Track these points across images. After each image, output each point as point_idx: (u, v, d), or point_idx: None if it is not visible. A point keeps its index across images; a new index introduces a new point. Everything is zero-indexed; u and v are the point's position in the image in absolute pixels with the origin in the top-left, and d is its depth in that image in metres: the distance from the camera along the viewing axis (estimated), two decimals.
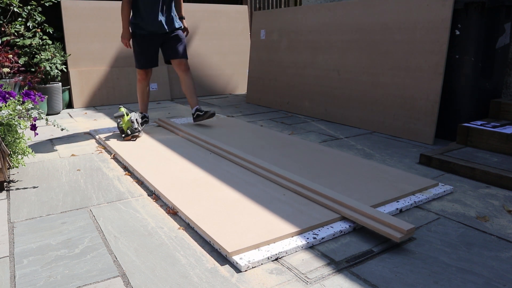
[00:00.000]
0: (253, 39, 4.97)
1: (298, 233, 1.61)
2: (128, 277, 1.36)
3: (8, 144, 2.24)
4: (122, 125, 3.06)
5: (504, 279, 1.34)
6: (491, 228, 1.70)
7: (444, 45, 2.89)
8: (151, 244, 1.58)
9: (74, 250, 1.54)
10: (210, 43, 5.64)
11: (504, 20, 2.91)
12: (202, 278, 1.36)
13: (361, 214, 1.69)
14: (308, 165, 2.42)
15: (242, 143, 2.92)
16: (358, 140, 3.11)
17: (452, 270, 1.39)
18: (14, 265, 1.45)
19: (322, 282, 1.34)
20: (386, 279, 1.35)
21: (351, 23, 3.65)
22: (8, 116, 2.16)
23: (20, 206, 1.95)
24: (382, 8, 3.36)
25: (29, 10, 4.26)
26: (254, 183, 2.14)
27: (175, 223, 1.77)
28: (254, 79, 4.94)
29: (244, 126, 3.51)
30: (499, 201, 1.97)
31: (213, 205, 1.86)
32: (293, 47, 4.30)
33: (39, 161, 2.64)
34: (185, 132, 3.16)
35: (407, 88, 3.15)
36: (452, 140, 3.00)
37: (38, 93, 2.28)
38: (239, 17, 5.93)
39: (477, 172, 2.25)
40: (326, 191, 1.90)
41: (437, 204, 1.95)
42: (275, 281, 1.34)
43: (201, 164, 2.46)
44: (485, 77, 2.95)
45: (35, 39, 4.24)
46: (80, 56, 4.77)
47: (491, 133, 2.56)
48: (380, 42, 3.36)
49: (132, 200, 2.02)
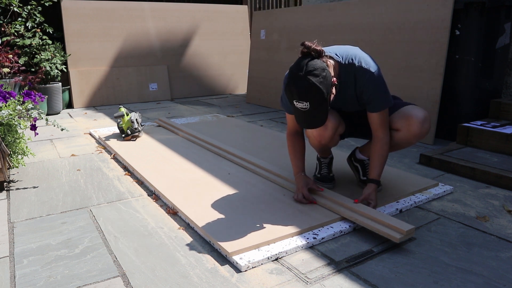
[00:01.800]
0: (253, 39, 4.97)
1: (298, 233, 1.61)
2: (128, 277, 1.36)
3: (8, 144, 2.24)
4: (122, 125, 3.06)
5: (504, 279, 1.34)
6: (491, 228, 1.70)
7: (444, 45, 2.89)
8: (151, 244, 1.58)
9: (74, 250, 1.54)
10: (210, 43, 5.64)
11: (504, 20, 2.91)
12: (202, 278, 1.36)
13: (361, 215, 1.69)
14: (308, 165, 2.42)
15: (242, 143, 2.92)
16: (358, 140, 3.11)
17: (452, 270, 1.39)
18: (14, 265, 1.45)
19: (322, 282, 1.34)
20: (386, 279, 1.35)
21: (351, 23, 3.65)
22: (8, 116, 2.16)
23: (20, 206, 1.95)
24: (382, 8, 3.36)
25: (29, 10, 4.26)
26: (254, 183, 2.14)
27: (175, 223, 1.77)
28: (254, 79, 4.94)
29: (244, 126, 3.51)
30: (499, 201, 1.97)
31: (213, 205, 1.86)
32: (293, 47, 4.30)
33: (39, 161, 2.64)
34: (185, 132, 3.16)
35: (407, 88, 3.15)
36: (452, 140, 3.00)
37: (38, 93, 2.28)
38: (239, 17, 5.93)
39: (477, 172, 2.25)
40: (326, 191, 1.90)
41: (437, 204, 1.95)
42: (275, 281, 1.34)
43: (201, 164, 2.46)
44: (485, 77, 2.95)
45: (35, 39, 4.24)
46: (80, 56, 4.77)
47: (491, 133, 2.56)
48: (380, 42, 3.36)
49: (132, 200, 2.02)
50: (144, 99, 5.10)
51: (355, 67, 1.73)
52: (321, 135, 1.88)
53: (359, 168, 2.08)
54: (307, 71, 1.54)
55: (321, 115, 1.60)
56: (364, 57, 1.76)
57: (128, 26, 5.09)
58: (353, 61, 1.74)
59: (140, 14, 5.18)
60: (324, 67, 1.57)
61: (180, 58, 5.43)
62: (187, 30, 5.49)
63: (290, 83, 1.57)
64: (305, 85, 1.53)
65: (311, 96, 1.54)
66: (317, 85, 1.53)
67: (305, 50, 1.60)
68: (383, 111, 1.77)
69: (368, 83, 1.73)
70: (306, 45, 1.60)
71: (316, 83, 1.53)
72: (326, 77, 1.56)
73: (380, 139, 1.80)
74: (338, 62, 1.74)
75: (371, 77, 1.72)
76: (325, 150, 2.07)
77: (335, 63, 1.72)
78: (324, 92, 1.55)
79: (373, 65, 1.75)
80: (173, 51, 5.38)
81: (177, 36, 5.41)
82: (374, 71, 1.73)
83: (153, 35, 5.25)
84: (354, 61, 1.73)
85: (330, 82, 1.58)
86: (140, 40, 5.16)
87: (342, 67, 1.74)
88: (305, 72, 1.54)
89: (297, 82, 1.55)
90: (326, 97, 1.56)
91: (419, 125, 1.78)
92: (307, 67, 1.55)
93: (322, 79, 1.54)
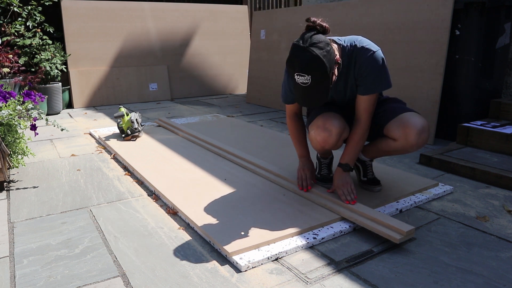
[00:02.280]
0: (253, 39, 4.97)
1: (298, 233, 1.61)
2: (128, 277, 1.36)
3: (8, 144, 2.24)
4: (122, 125, 3.06)
5: (504, 279, 1.34)
6: (491, 228, 1.70)
7: (444, 45, 2.89)
8: (151, 244, 1.58)
9: (74, 250, 1.54)
10: (210, 43, 5.64)
11: (504, 20, 2.91)
12: (202, 278, 1.36)
13: (361, 215, 1.69)
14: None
15: (242, 143, 2.92)
16: None
17: (452, 270, 1.39)
18: (14, 265, 1.45)
19: (322, 282, 1.34)
20: (386, 279, 1.35)
21: (351, 23, 3.64)
22: (8, 116, 2.16)
23: (20, 206, 1.95)
24: (382, 8, 3.36)
25: (29, 10, 4.26)
26: (254, 183, 2.14)
27: (175, 223, 1.77)
28: (254, 79, 4.94)
29: (244, 126, 3.51)
30: (499, 201, 1.97)
31: (213, 205, 1.86)
32: None
33: (39, 161, 2.64)
34: (185, 132, 3.16)
35: (407, 88, 3.15)
36: (452, 140, 3.00)
37: (38, 93, 2.28)
38: (239, 17, 5.93)
39: (477, 172, 2.25)
40: (325, 191, 1.90)
41: (437, 204, 1.95)
42: (275, 281, 1.34)
43: (201, 164, 2.46)
44: (485, 77, 2.95)
45: (35, 39, 4.24)
46: (80, 56, 4.77)
47: (491, 133, 2.56)
48: (380, 42, 3.36)
49: (132, 200, 2.02)
50: (144, 99, 5.10)
51: (356, 48, 1.72)
52: (325, 141, 1.81)
53: (360, 169, 2.08)
54: (311, 43, 1.51)
55: (320, 94, 1.56)
56: (366, 40, 1.75)
57: (128, 26, 5.09)
58: (355, 43, 1.73)
59: (140, 14, 5.18)
60: (328, 42, 1.55)
61: (180, 58, 5.43)
62: (187, 30, 5.49)
63: (293, 55, 1.53)
64: (308, 56, 1.50)
65: (314, 68, 1.50)
66: (320, 58, 1.49)
67: (310, 24, 1.59)
68: (373, 95, 1.73)
69: (367, 63, 1.70)
70: (311, 20, 1.59)
71: (319, 55, 1.49)
72: (330, 52, 1.53)
73: (362, 126, 1.77)
74: (341, 45, 1.73)
75: (371, 56, 1.69)
76: (326, 151, 2.07)
77: (338, 46, 1.71)
78: (327, 66, 1.51)
79: (375, 47, 1.72)
80: (173, 51, 5.38)
81: (177, 36, 5.41)
82: (375, 51, 1.70)
83: (153, 35, 5.25)
84: (355, 43, 1.73)
85: (334, 59, 1.56)
86: (140, 40, 5.16)
87: (344, 51, 1.72)
88: (309, 44, 1.51)
89: (300, 54, 1.51)
90: (329, 73, 1.53)
91: (416, 136, 1.72)
92: (311, 39, 1.52)
93: (326, 53, 1.51)
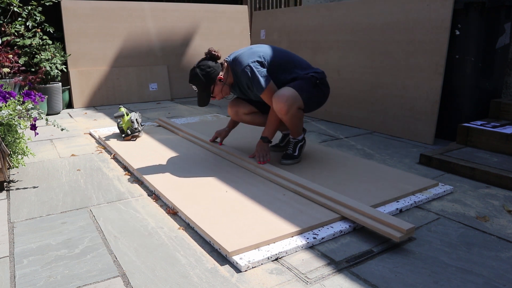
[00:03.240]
0: (253, 39, 4.97)
1: (298, 233, 1.61)
2: (128, 277, 1.36)
3: (8, 144, 2.24)
4: (122, 125, 3.06)
5: (504, 279, 1.34)
6: (491, 228, 1.70)
7: (444, 45, 2.89)
8: (151, 244, 1.58)
9: (74, 250, 1.54)
10: (210, 43, 5.64)
11: (504, 20, 2.91)
12: (202, 278, 1.36)
13: (361, 214, 1.69)
14: (308, 165, 2.42)
15: (243, 143, 2.92)
16: (358, 140, 3.11)
17: (452, 270, 1.39)
18: (14, 265, 1.45)
19: (322, 282, 1.34)
20: (386, 279, 1.35)
21: (351, 23, 3.65)
22: (8, 116, 2.16)
23: (20, 206, 1.95)
24: (382, 8, 3.36)
25: (29, 10, 4.26)
26: (254, 183, 2.14)
27: (175, 223, 1.77)
28: None
29: (244, 126, 3.51)
30: (499, 201, 1.97)
31: (213, 205, 1.86)
32: (293, 47, 4.30)
33: (39, 161, 2.64)
34: (185, 132, 3.16)
35: (407, 88, 3.15)
36: (452, 140, 3.00)
37: (38, 93, 2.28)
38: (239, 17, 5.93)
39: (477, 172, 2.25)
40: (326, 191, 1.90)
41: (437, 204, 1.95)
42: (275, 281, 1.34)
43: (201, 164, 2.46)
44: (485, 77, 2.95)
45: (35, 39, 4.24)
46: (80, 56, 4.77)
47: (491, 133, 2.56)
48: (380, 42, 3.36)
49: (132, 200, 2.02)
50: (144, 99, 5.10)
51: (234, 65, 2.26)
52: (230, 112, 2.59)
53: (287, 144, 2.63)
54: (197, 65, 2.24)
55: (204, 98, 2.25)
56: (242, 55, 2.24)
57: (128, 26, 5.09)
58: (233, 61, 2.27)
59: (140, 14, 5.18)
60: (212, 66, 2.22)
61: (180, 58, 5.43)
62: (187, 30, 5.49)
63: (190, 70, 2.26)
64: (193, 73, 2.23)
65: (195, 82, 2.23)
66: (199, 75, 2.20)
67: (206, 53, 2.28)
68: (263, 94, 2.22)
69: (242, 77, 2.23)
70: (208, 50, 2.27)
71: (198, 74, 2.21)
72: (210, 72, 2.21)
73: (272, 110, 2.28)
74: (229, 62, 2.30)
75: (243, 72, 2.20)
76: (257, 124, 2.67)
77: (227, 64, 2.30)
78: (204, 81, 2.20)
79: (245, 60, 2.19)
80: (173, 51, 5.38)
81: (177, 36, 5.41)
82: (244, 65, 2.19)
83: (153, 35, 5.25)
84: (234, 61, 2.26)
85: (213, 77, 2.21)
86: (140, 40, 5.16)
87: (231, 67, 2.28)
88: (195, 66, 2.24)
89: (190, 71, 2.25)
90: (207, 86, 2.22)
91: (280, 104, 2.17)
92: (199, 63, 2.25)
93: (205, 73, 2.20)
